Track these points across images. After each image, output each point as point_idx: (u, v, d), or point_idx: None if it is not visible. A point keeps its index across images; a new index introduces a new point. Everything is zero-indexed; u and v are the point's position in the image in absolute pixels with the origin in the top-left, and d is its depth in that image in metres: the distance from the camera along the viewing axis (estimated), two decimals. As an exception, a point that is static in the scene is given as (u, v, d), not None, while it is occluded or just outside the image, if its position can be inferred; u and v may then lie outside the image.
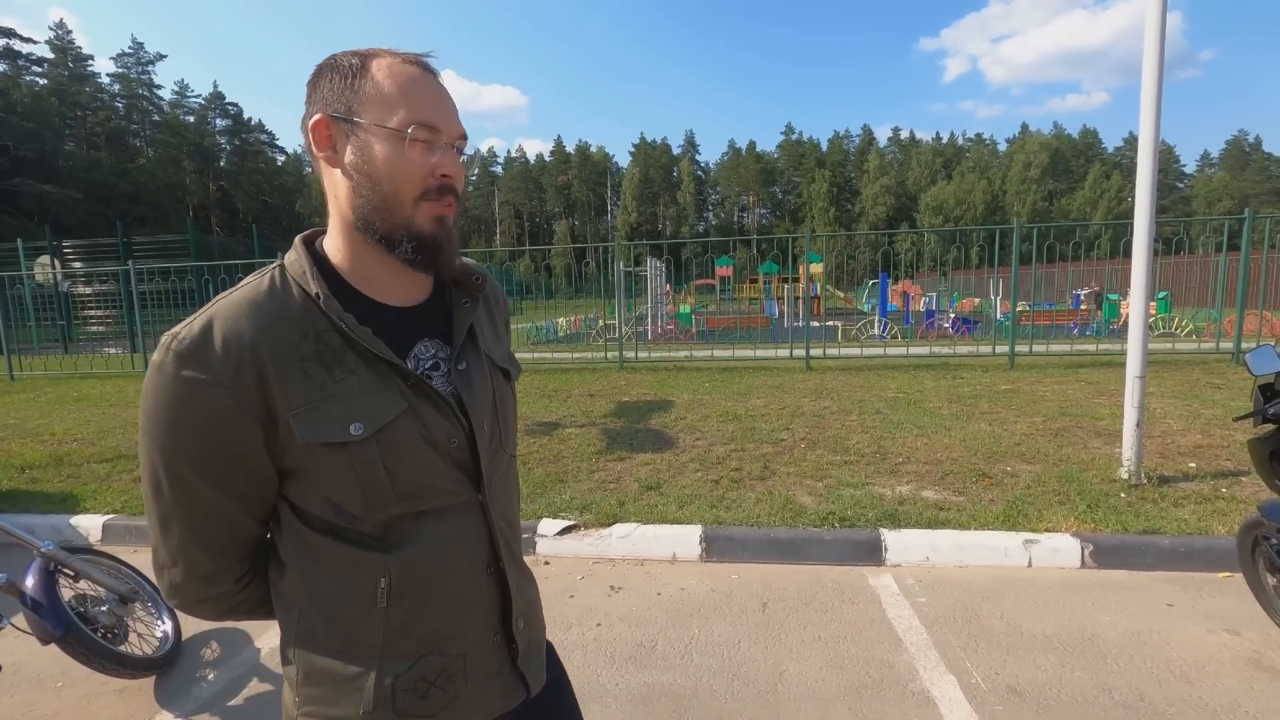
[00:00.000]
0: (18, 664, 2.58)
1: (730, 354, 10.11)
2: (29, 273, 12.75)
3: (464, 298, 0.90)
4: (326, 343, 0.76)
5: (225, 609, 0.86)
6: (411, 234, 0.77)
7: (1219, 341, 9.17)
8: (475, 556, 0.85)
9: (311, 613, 0.80)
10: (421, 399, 0.80)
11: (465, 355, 0.87)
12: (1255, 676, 2.30)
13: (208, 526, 0.78)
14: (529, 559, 3.47)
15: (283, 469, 0.77)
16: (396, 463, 0.77)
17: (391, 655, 0.80)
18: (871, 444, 4.95)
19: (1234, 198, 64.21)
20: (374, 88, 0.76)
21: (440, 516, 0.81)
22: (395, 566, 0.79)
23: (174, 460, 0.73)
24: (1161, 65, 3.76)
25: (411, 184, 0.76)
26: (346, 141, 0.77)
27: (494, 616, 0.88)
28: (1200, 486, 3.82)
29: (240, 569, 0.83)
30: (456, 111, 0.81)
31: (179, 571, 0.80)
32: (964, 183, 72.43)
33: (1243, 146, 76.58)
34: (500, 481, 0.89)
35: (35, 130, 44.75)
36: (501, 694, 0.88)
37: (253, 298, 0.76)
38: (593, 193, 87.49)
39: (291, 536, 0.80)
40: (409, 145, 0.75)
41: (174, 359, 0.71)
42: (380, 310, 0.82)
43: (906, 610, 2.82)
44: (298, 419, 0.73)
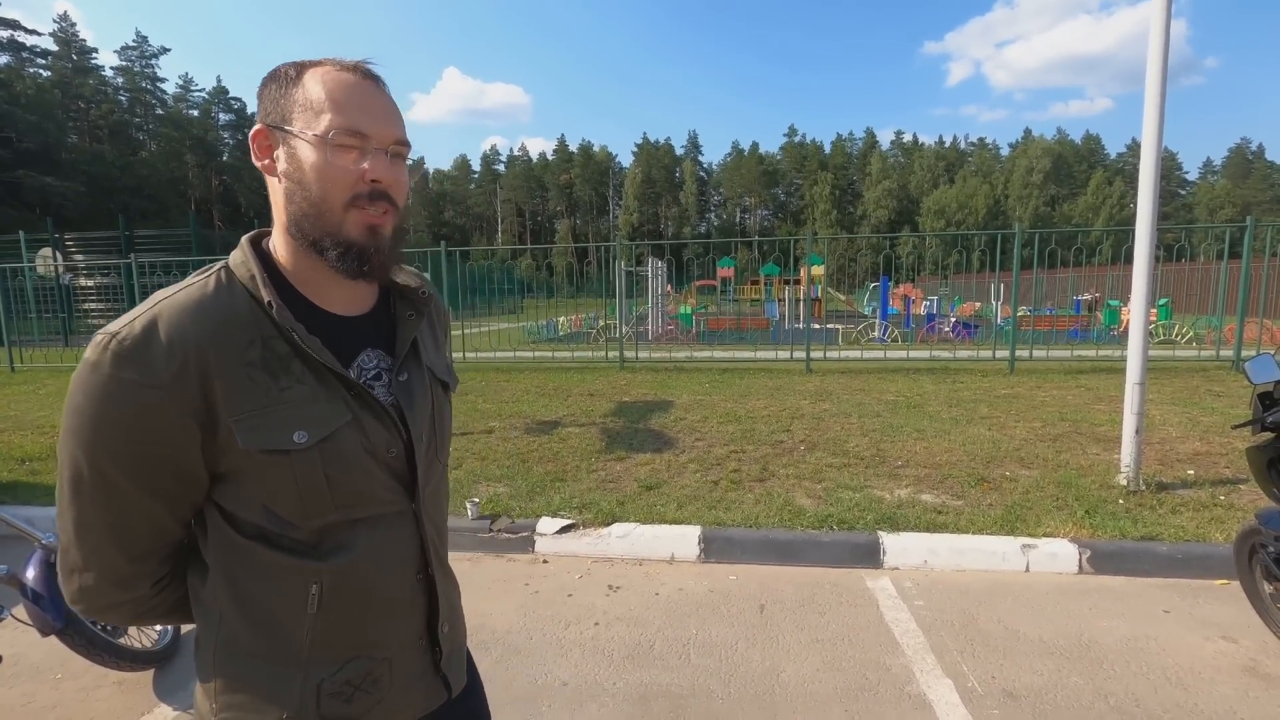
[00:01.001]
0: (17, 655, 2.58)
1: (730, 355, 10.12)
2: (31, 265, 12.75)
3: (409, 310, 0.90)
4: (273, 349, 0.76)
5: (137, 614, 0.84)
6: (338, 240, 0.77)
7: (1219, 349, 9.18)
8: (406, 564, 0.86)
9: (235, 618, 0.78)
10: (364, 409, 0.81)
11: (407, 367, 0.88)
12: (1251, 684, 2.30)
13: (129, 529, 0.76)
14: (527, 557, 3.48)
15: (216, 473, 0.76)
16: (337, 471, 0.77)
17: (318, 660, 0.80)
18: (871, 447, 4.96)
19: (1236, 206, 64.19)
20: (304, 95, 0.76)
21: (374, 524, 0.82)
22: (328, 573, 0.78)
23: (101, 461, 0.71)
24: (1165, 72, 3.77)
25: (338, 189, 0.75)
26: (282, 150, 0.77)
27: (420, 621, 0.89)
28: (1198, 493, 3.83)
29: (158, 573, 0.81)
30: (395, 118, 0.80)
31: (92, 575, 0.78)
32: (966, 187, 72.41)
33: (1245, 154, 76.58)
34: (433, 490, 0.91)
35: (38, 123, 44.76)
36: (425, 696, 0.89)
37: (198, 299, 0.74)
38: (595, 192, 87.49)
39: (218, 541, 0.78)
40: (334, 151, 0.75)
41: (112, 359, 0.69)
42: (327, 319, 0.82)
43: (904, 613, 2.82)
44: (240, 425, 0.73)
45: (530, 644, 2.64)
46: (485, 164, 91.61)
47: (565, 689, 2.35)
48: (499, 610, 2.91)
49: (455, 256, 11.12)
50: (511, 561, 3.44)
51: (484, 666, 2.52)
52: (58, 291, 14.36)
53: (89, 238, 17.51)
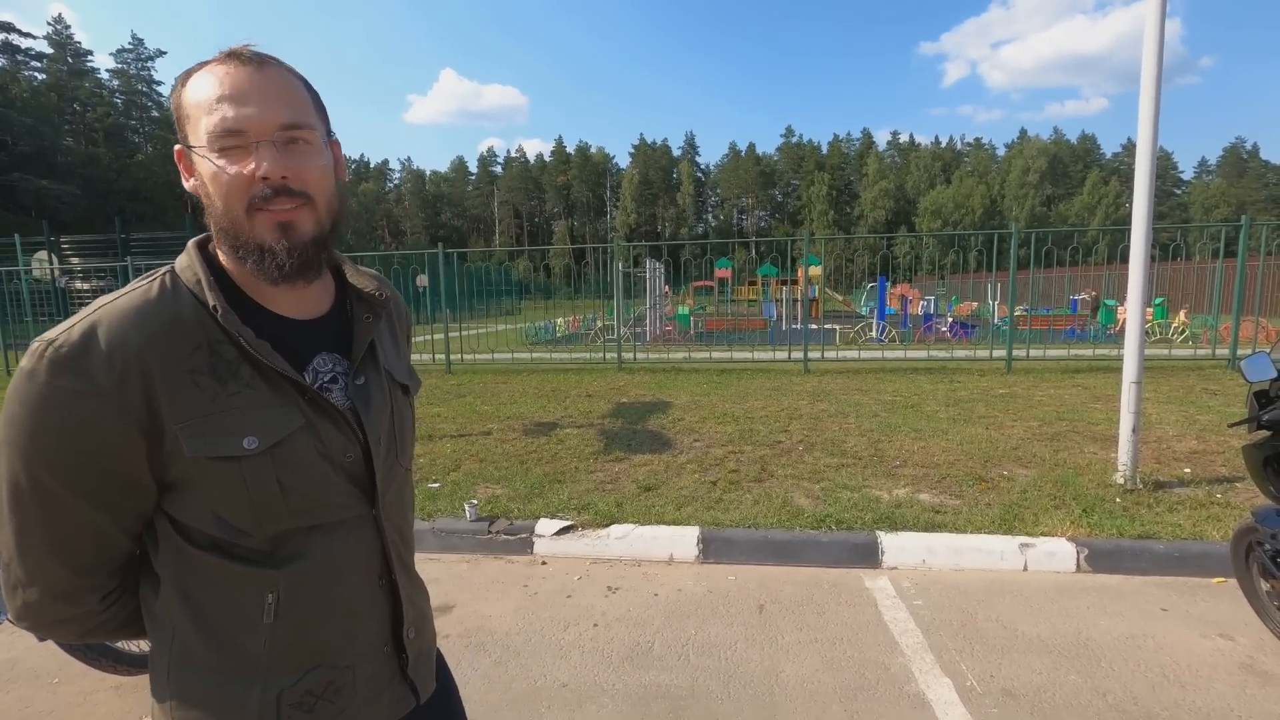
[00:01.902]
0: (14, 660, 2.57)
1: (728, 356, 10.13)
2: (26, 268, 12.72)
3: (365, 313, 0.88)
4: (221, 354, 0.73)
5: (87, 629, 0.81)
6: (255, 246, 0.74)
7: (1215, 348, 9.22)
8: (367, 570, 0.84)
9: (190, 631, 0.76)
10: (319, 414, 0.79)
11: (364, 370, 0.86)
12: (1248, 681, 2.31)
13: (73, 541, 0.73)
14: (526, 559, 3.48)
15: (164, 482, 0.74)
16: (290, 477, 0.75)
17: (277, 670, 0.78)
18: (869, 447, 4.96)
19: (1231, 205, 64.41)
20: (185, 107, 0.73)
21: (332, 531, 0.80)
22: (284, 582, 0.77)
23: (39, 472, 0.69)
24: (1160, 72, 3.78)
25: (234, 195, 0.72)
26: (191, 168, 0.75)
27: (384, 628, 0.87)
28: (1195, 492, 3.84)
29: (107, 586, 0.78)
30: (280, 101, 0.73)
31: (35, 590, 0.75)
32: (963, 187, 72.55)
33: (1240, 154, 76.87)
34: (395, 495, 0.89)
35: (34, 125, 44.62)
36: (391, 703, 0.88)
37: (140, 305, 0.72)
38: (592, 193, 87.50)
39: (169, 552, 0.76)
40: (218, 157, 0.71)
41: (49, 367, 0.67)
42: (278, 322, 0.80)
43: (902, 613, 2.83)
44: (186, 432, 0.71)
45: (529, 645, 2.64)
46: (482, 165, 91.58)
47: (564, 690, 2.35)
48: (498, 612, 2.90)
49: (453, 258, 11.11)
50: (510, 563, 3.44)
51: (483, 668, 2.53)
52: (53, 295, 14.31)
53: (85, 241, 17.46)
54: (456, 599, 2.99)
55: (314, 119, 0.77)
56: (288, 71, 0.77)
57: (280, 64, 0.76)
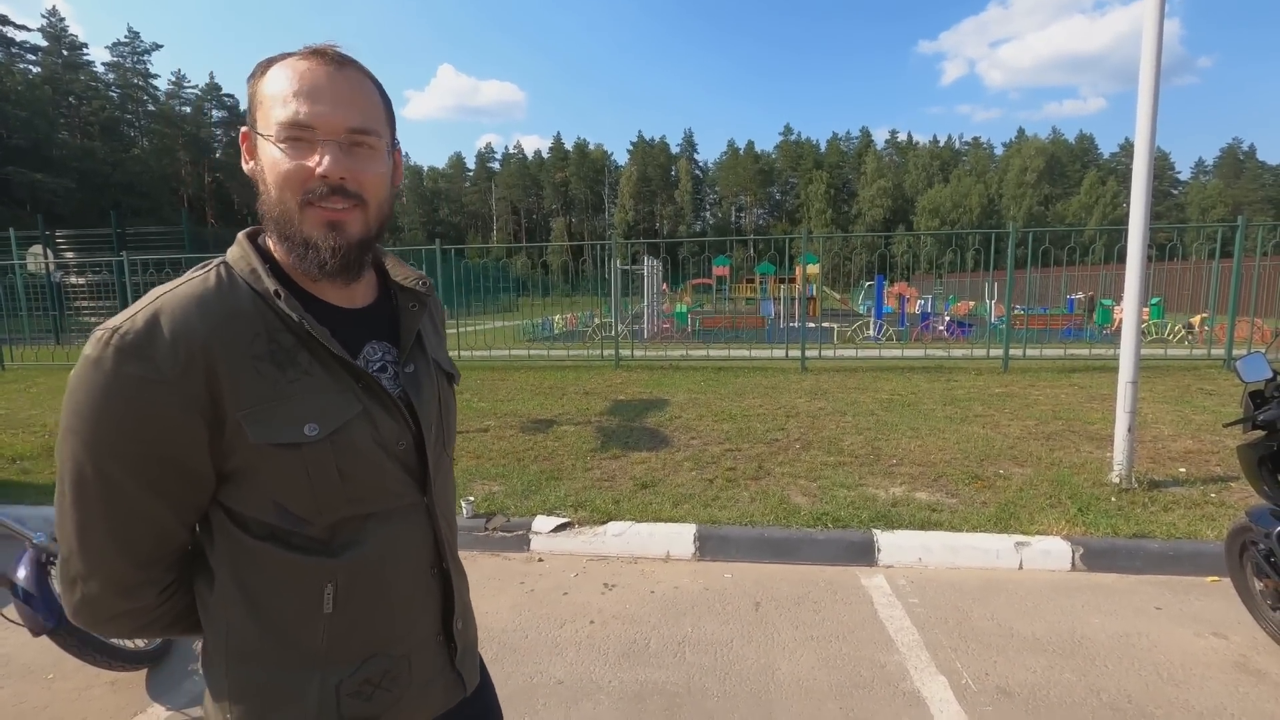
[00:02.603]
0: (8, 656, 2.57)
1: (726, 354, 10.13)
2: (21, 262, 12.65)
3: (411, 302, 0.89)
4: (279, 342, 0.74)
5: (141, 625, 0.80)
6: (301, 239, 0.75)
7: (1210, 348, 9.25)
8: (420, 558, 0.85)
9: (247, 624, 0.76)
10: (374, 401, 0.79)
11: (413, 358, 0.88)
12: (1241, 680, 2.32)
13: (134, 533, 0.73)
14: (523, 555, 3.48)
15: (223, 472, 0.74)
16: (349, 464, 0.76)
17: (336, 661, 0.78)
18: (865, 445, 4.97)
19: (1227, 205, 64.60)
20: (262, 92, 0.74)
21: (387, 519, 0.81)
22: (342, 571, 0.77)
23: (105, 462, 0.69)
24: (1158, 72, 3.78)
25: (291, 188, 0.74)
26: (254, 152, 0.77)
27: (436, 617, 0.88)
28: (1190, 491, 3.86)
29: (164, 579, 0.78)
30: (353, 104, 0.75)
31: (96, 583, 0.74)
32: (960, 186, 72.63)
33: (1237, 154, 77.08)
34: (442, 484, 0.90)
35: (28, 119, 44.37)
36: (444, 693, 0.89)
37: (200, 293, 0.73)
38: (590, 190, 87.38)
39: (226, 545, 0.76)
40: (284, 148, 0.73)
41: (115, 354, 0.67)
42: (329, 310, 0.81)
43: (898, 611, 2.83)
44: (249, 419, 0.71)
45: (525, 642, 2.64)
46: (480, 162, 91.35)
47: (561, 687, 2.35)
48: (494, 608, 2.90)
49: (450, 255, 11.09)
50: (507, 560, 3.44)
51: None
52: (49, 289, 14.25)
53: (80, 235, 17.35)
54: (453, 596, 2.98)
55: (382, 126, 0.79)
56: (366, 76, 0.78)
57: (360, 67, 0.78)
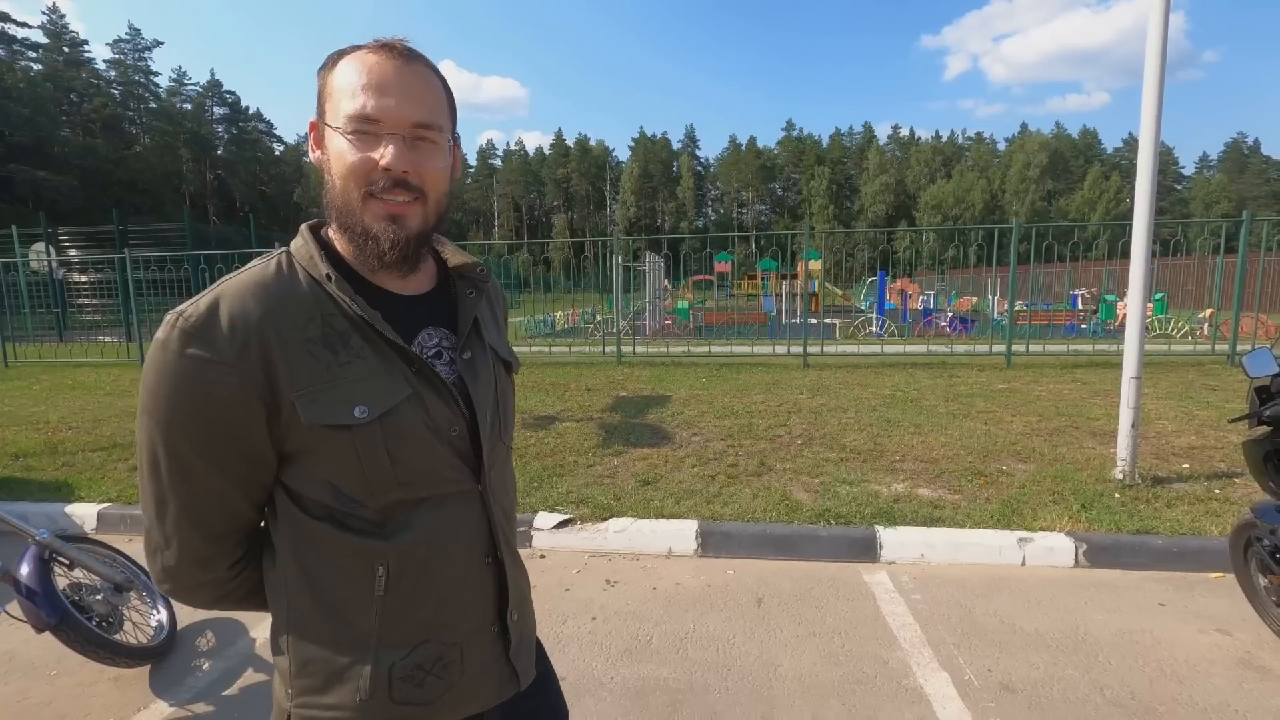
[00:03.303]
0: (12, 652, 2.58)
1: (728, 350, 10.12)
2: (24, 260, 12.67)
3: (469, 289, 0.91)
4: (333, 326, 0.77)
5: (218, 596, 0.85)
6: (361, 230, 0.78)
7: (1214, 343, 9.21)
8: (474, 546, 0.86)
9: (306, 601, 0.79)
10: (425, 385, 0.81)
11: (470, 345, 0.89)
12: (1245, 676, 2.31)
13: (204, 508, 0.77)
14: (524, 552, 3.48)
15: (283, 452, 0.77)
16: (399, 447, 0.77)
17: (388, 643, 0.80)
18: (868, 441, 4.96)
19: (1232, 200, 64.35)
20: (332, 83, 0.77)
21: (440, 504, 0.82)
22: (394, 554, 0.79)
23: (174, 439, 0.73)
24: (1163, 66, 3.76)
25: (355, 180, 0.76)
26: (321, 142, 0.79)
27: (490, 607, 0.88)
28: (1194, 487, 3.84)
29: (235, 554, 0.82)
30: (419, 99, 0.77)
31: (173, 554, 0.79)
32: (963, 181, 72.46)
33: (1241, 149, 76.72)
34: (499, 473, 0.90)
35: (30, 116, 44.41)
36: (497, 685, 0.89)
37: (259, 279, 0.76)
38: (592, 187, 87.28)
39: (288, 523, 0.79)
40: (350, 140, 0.75)
41: (179, 336, 0.71)
42: (386, 297, 0.82)
43: (901, 607, 2.83)
44: (302, 400, 0.74)
45: (528, 639, 2.64)
46: (482, 158, 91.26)
47: (562, 683, 2.32)
48: (496, 605, 2.90)
49: (452, 251, 11.05)
50: (509, 556, 3.44)
51: (481, 661, 2.53)
52: (51, 286, 14.28)
53: (82, 232, 17.37)
54: (455, 592, 2.98)
55: (445, 120, 0.81)
56: (432, 71, 0.80)
57: (427, 62, 0.80)
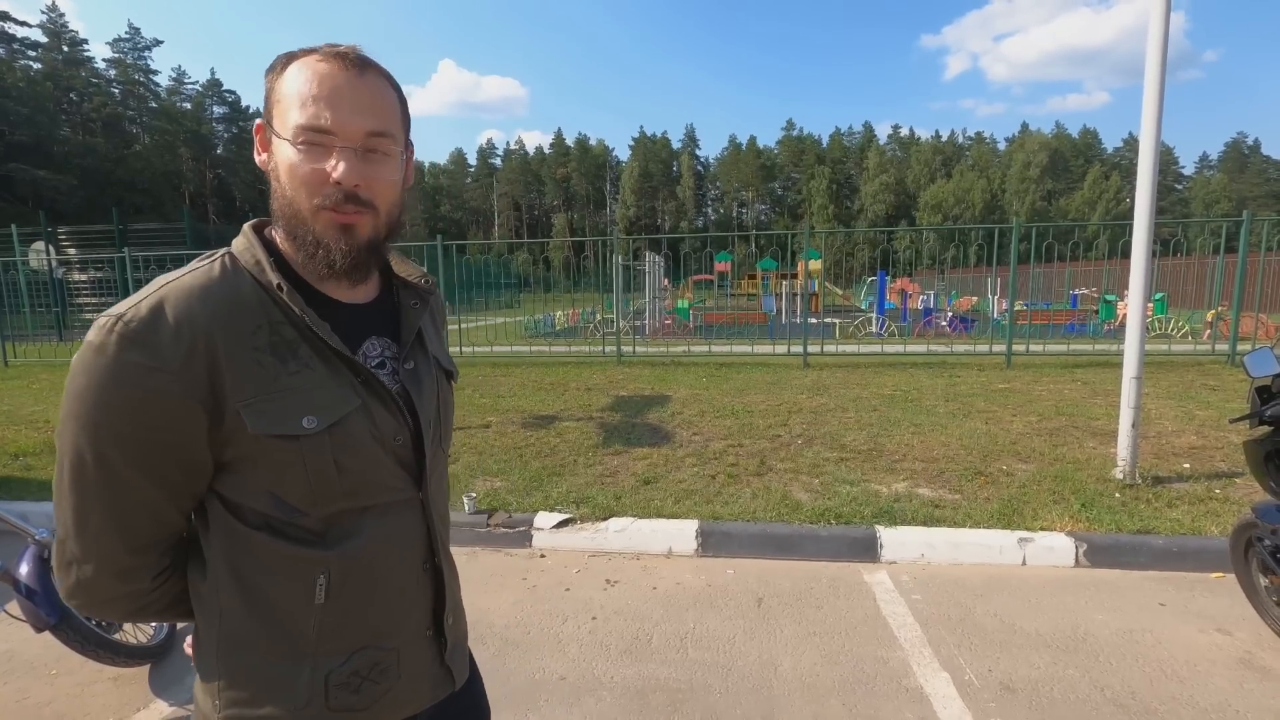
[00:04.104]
0: (11, 651, 2.57)
1: (728, 350, 10.11)
2: (23, 259, 12.67)
3: (413, 299, 0.90)
4: (280, 334, 0.75)
5: (136, 608, 0.82)
6: (312, 240, 0.76)
7: (1214, 343, 9.21)
8: (414, 553, 0.86)
9: (239, 612, 0.77)
10: (372, 396, 0.80)
11: (413, 355, 0.88)
12: (1245, 676, 2.31)
13: (131, 518, 0.74)
14: (525, 551, 3.48)
15: (220, 461, 0.74)
16: (346, 458, 0.77)
17: (326, 651, 0.79)
18: (868, 441, 4.96)
19: (1232, 200, 64.35)
20: (282, 89, 0.75)
21: (382, 513, 0.81)
22: (336, 562, 0.78)
23: (105, 447, 0.69)
24: (1164, 66, 3.75)
25: (306, 192, 0.74)
26: (269, 147, 0.77)
27: (427, 612, 0.88)
28: (1194, 487, 3.84)
29: (159, 564, 0.79)
30: (372, 109, 0.75)
31: (91, 567, 0.75)
32: (963, 181, 72.43)
33: (1241, 149, 76.73)
34: (437, 480, 0.91)
35: (30, 115, 44.36)
36: (432, 687, 0.89)
37: (204, 283, 0.73)
38: (592, 186, 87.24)
39: (220, 533, 0.77)
40: (301, 151, 0.73)
41: (118, 341, 0.68)
42: (332, 306, 0.81)
43: (901, 607, 2.83)
44: (248, 410, 0.72)
45: (528, 638, 2.64)
46: (481, 158, 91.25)
47: (563, 683, 2.35)
48: (496, 604, 2.90)
49: (452, 250, 11.06)
50: (509, 556, 3.44)
51: (481, 660, 2.50)
52: (51, 285, 14.27)
53: (82, 231, 17.38)
54: (455, 591, 2.98)
55: (398, 129, 0.79)
56: (385, 80, 0.79)
57: (380, 71, 0.78)
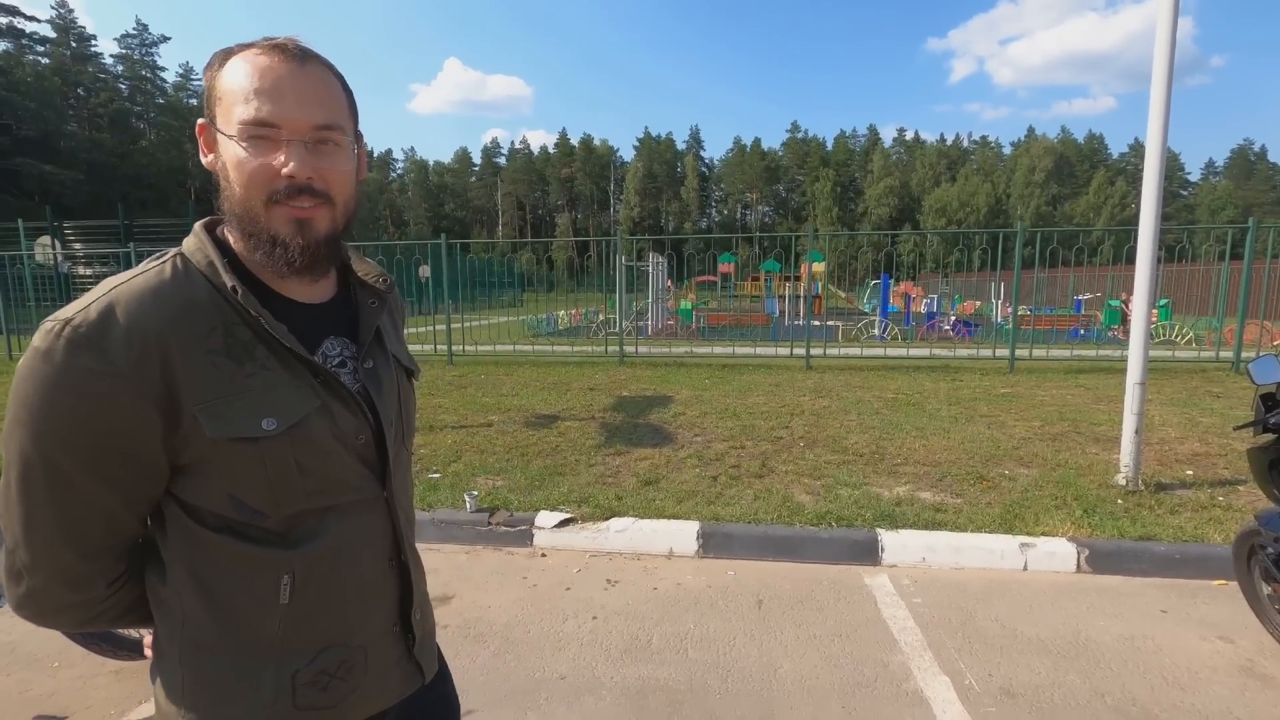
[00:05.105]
0: (13, 644, 2.58)
1: (730, 351, 10.11)
2: (29, 253, 12.71)
3: (371, 298, 0.89)
4: (235, 336, 0.74)
5: (90, 617, 0.80)
6: (268, 237, 0.75)
7: (1219, 350, 9.18)
8: (379, 551, 0.86)
9: (202, 615, 0.76)
10: (332, 396, 0.80)
11: (372, 354, 0.88)
12: (1247, 684, 2.31)
13: (83, 525, 0.72)
14: (525, 551, 3.48)
15: (177, 464, 0.73)
16: (307, 458, 0.76)
17: (291, 651, 0.79)
18: (870, 444, 4.95)
19: (1237, 207, 64.09)
20: (222, 86, 0.73)
21: (346, 512, 0.81)
22: (299, 562, 0.77)
23: (54, 453, 0.68)
24: (1171, 71, 3.75)
25: (256, 187, 0.73)
26: (213, 146, 0.76)
27: (393, 609, 0.88)
28: (1197, 494, 3.83)
29: (114, 571, 0.77)
30: (318, 101, 0.75)
31: (41, 576, 0.73)
32: (968, 185, 72.26)
33: (1248, 155, 76.46)
34: (401, 478, 0.90)
35: (37, 110, 44.56)
36: (400, 682, 0.90)
37: (155, 285, 0.72)
38: (596, 186, 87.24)
39: (179, 536, 0.75)
40: (247, 146, 0.72)
41: (66, 346, 0.66)
42: (289, 306, 0.80)
43: (902, 610, 2.82)
44: (205, 413, 0.71)
45: (528, 637, 2.65)
46: (486, 157, 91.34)
47: (563, 682, 2.35)
48: (497, 603, 2.90)
49: (455, 250, 11.08)
50: (510, 555, 3.44)
51: (482, 659, 2.53)
52: (56, 280, 14.31)
53: (88, 226, 17.41)
54: (456, 590, 2.99)
55: (346, 120, 0.79)
56: (328, 70, 0.78)
57: (322, 61, 0.77)
